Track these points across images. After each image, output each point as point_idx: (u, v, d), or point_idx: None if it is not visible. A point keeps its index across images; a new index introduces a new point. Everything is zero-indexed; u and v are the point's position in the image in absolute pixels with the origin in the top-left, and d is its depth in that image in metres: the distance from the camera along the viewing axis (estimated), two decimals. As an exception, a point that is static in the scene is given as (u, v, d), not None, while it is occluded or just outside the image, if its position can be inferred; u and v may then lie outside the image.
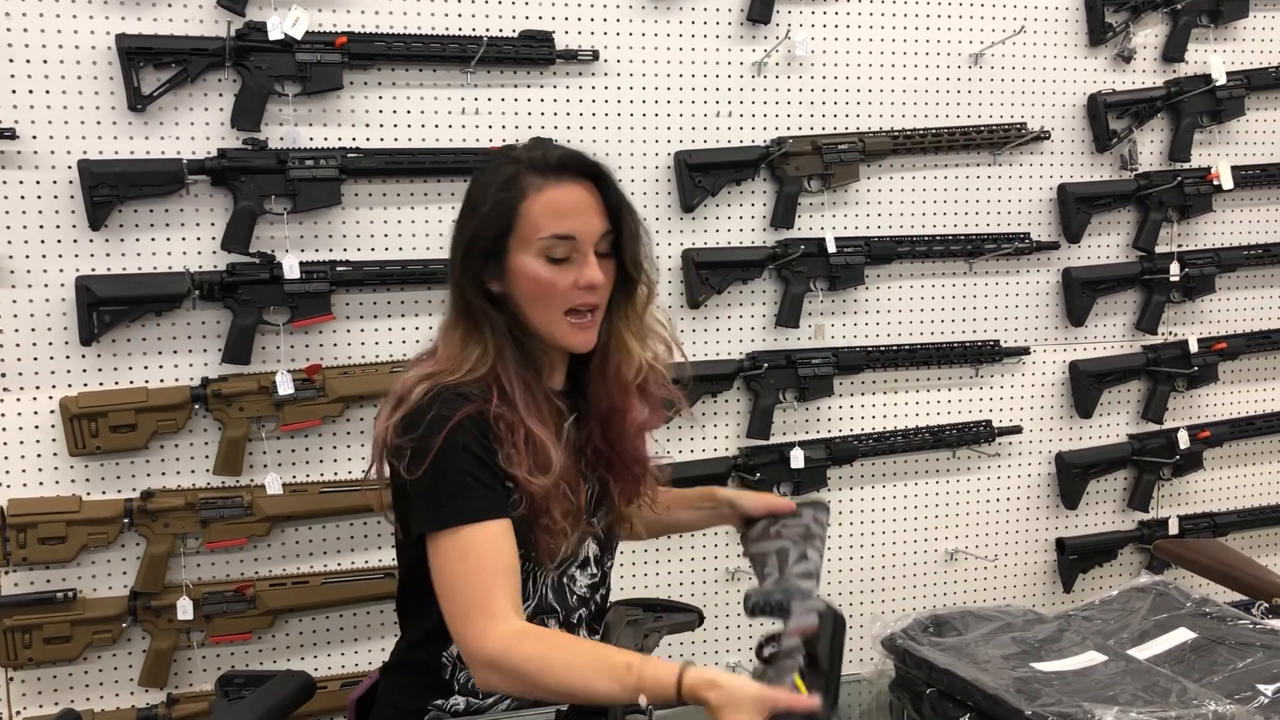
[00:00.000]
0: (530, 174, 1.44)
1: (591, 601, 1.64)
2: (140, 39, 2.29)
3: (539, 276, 1.42)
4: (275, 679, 1.47)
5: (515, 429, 1.41)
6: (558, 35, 2.54)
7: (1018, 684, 1.34)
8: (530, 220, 1.42)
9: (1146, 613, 1.60)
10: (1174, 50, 2.99)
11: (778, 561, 1.44)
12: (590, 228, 1.45)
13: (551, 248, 1.42)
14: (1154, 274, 3.01)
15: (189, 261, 2.38)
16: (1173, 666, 1.44)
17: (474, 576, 1.34)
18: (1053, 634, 1.49)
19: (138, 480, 2.38)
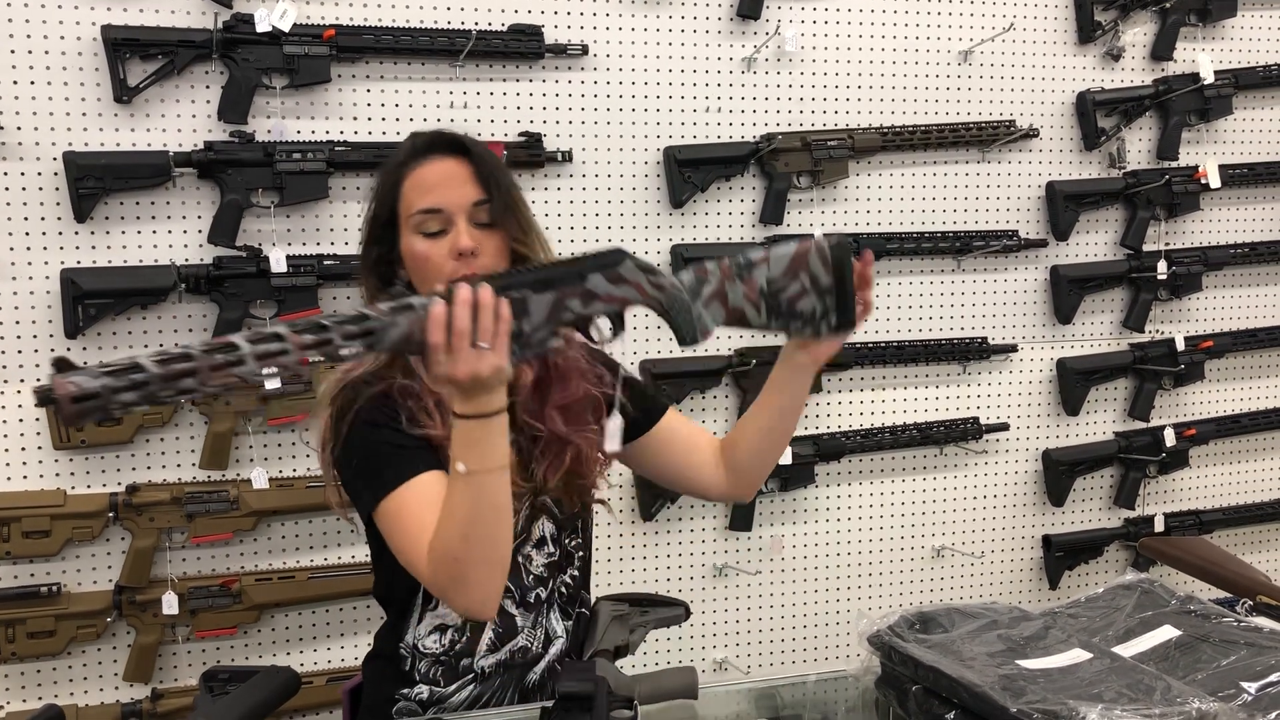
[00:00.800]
0: (406, 160, 1.50)
1: (554, 581, 1.59)
2: (126, 30, 2.27)
3: (416, 252, 1.46)
4: (259, 675, 1.47)
5: (423, 396, 1.44)
6: (547, 29, 2.53)
7: (1003, 681, 1.34)
8: (405, 201, 1.48)
9: (1131, 610, 1.60)
10: (1163, 49, 2.99)
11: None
12: (458, 197, 1.46)
13: (423, 223, 1.46)
14: (1141, 272, 3.02)
15: (175, 255, 2.37)
16: (1157, 664, 1.44)
17: (409, 531, 1.38)
18: (1038, 631, 1.49)
19: (123, 474, 2.37)
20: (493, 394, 1.27)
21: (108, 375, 1.08)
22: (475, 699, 1.54)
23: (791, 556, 2.85)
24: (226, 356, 1.14)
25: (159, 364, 1.11)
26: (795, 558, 2.86)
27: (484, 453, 1.29)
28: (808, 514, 2.86)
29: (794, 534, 2.85)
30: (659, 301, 1.41)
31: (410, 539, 1.37)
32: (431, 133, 1.52)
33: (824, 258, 1.44)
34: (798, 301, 1.44)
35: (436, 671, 1.53)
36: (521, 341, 1.30)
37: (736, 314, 1.46)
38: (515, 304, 1.29)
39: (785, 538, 2.84)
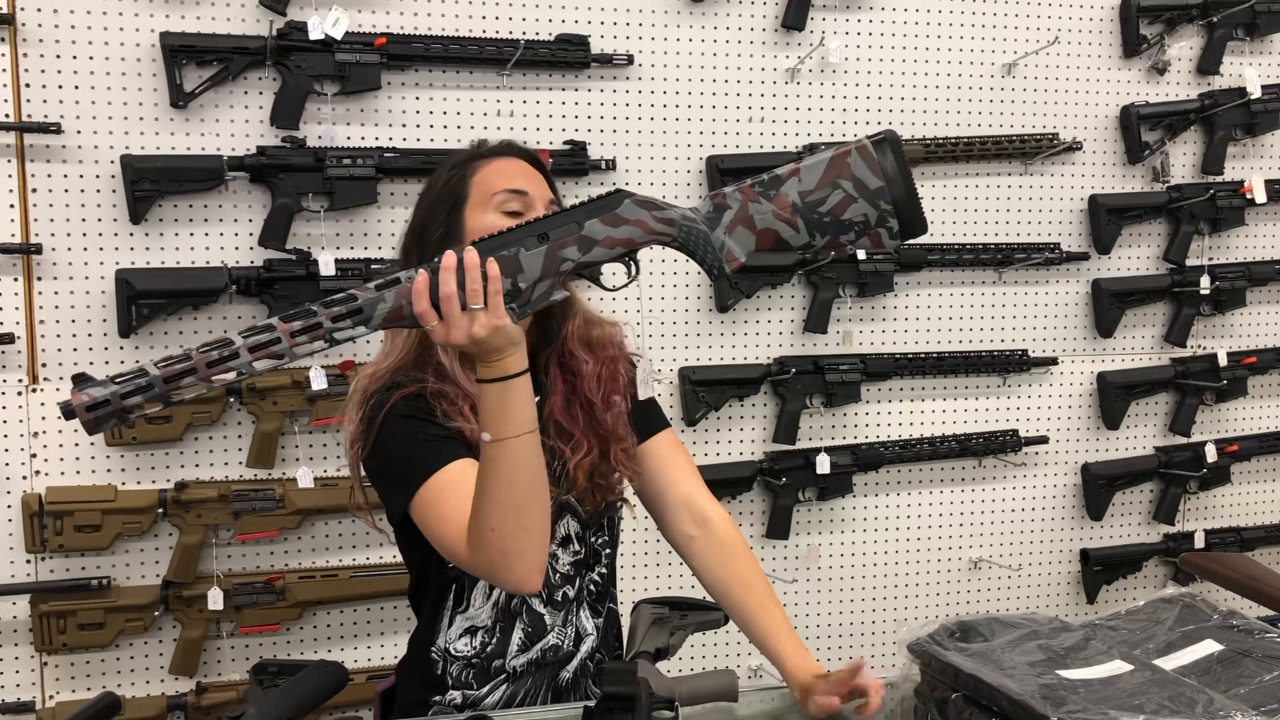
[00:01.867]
0: (476, 159, 1.53)
1: (582, 580, 1.59)
2: (183, 37, 2.33)
3: (497, 227, 1.38)
4: (309, 668, 1.49)
5: (457, 399, 1.44)
6: (593, 39, 2.56)
7: (1044, 691, 1.34)
8: (484, 184, 1.48)
9: (1173, 624, 1.60)
10: (1209, 63, 2.98)
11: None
12: (540, 191, 1.50)
13: (507, 201, 1.47)
14: (1184, 286, 3.01)
15: (227, 257, 2.42)
16: (1199, 678, 1.44)
17: (446, 516, 1.37)
18: (1079, 642, 1.49)
19: (172, 471, 2.42)
20: (505, 355, 1.25)
21: (115, 383, 1.16)
22: (509, 700, 1.54)
23: (828, 565, 2.86)
24: (221, 353, 1.19)
25: (160, 367, 1.17)
26: (832, 567, 2.86)
27: (509, 418, 1.27)
28: (845, 523, 2.87)
29: (831, 543, 2.86)
30: (670, 236, 1.33)
31: (447, 525, 1.37)
32: (505, 140, 1.57)
33: (869, 158, 1.31)
34: (844, 210, 1.32)
35: (468, 675, 1.53)
36: (520, 299, 1.27)
37: (769, 236, 1.34)
38: (506, 262, 1.25)
39: (822, 547, 2.85)
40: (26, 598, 2.33)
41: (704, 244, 1.34)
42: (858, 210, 1.32)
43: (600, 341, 1.58)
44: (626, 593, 1.74)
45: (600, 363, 1.57)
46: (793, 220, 1.33)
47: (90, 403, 1.15)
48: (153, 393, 1.17)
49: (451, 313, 1.21)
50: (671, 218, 1.33)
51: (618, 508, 1.64)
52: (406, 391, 1.44)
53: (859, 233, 1.34)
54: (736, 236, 1.34)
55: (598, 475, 1.56)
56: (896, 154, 1.31)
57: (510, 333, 1.25)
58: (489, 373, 1.26)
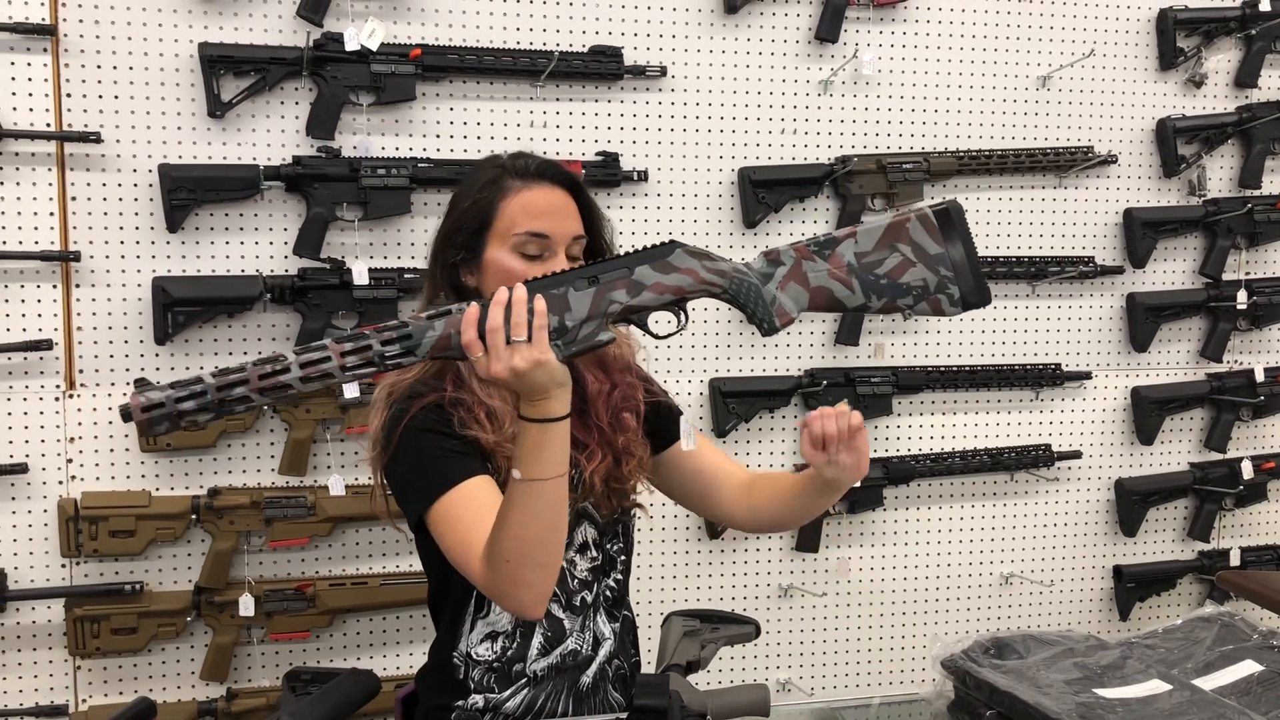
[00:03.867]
0: (512, 177, 1.52)
1: (599, 585, 1.60)
2: (221, 48, 2.35)
3: (511, 270, 1.47)
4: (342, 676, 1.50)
5: (474, 407, 1.46)
6: (626, 51, 2.57)
7: (1081, 710, 1.33)
8: (507, 217, 1.49)
9: (1211, 643, 1.58)
10: (1247, 75, 2.96)
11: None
12: (563, 229, 1.50)
13: (525, 244, 1.48)
14: (1220, 301, 2.97)
15: (262, 265, 2.44)
16: (1239, 699, 1.43)
17: (460, 530, 1.38)
18: (1116, 661, 1.48)
19: (205, 478, 2.44)
20: (549, 396, 1.28)
21: (171, 388, 1.23)
22: (530, 704, 1.55)
23: (858, 579, 2.84)
24: (274, 367, 1.24)
25: (215, 376, 1.24)
26: (862, 580, 2.85)
27: (544, 459, 1.29)
28: (875, 537, 2.85)
29: (861, 556, 2.84)
30: (720, 287, 1.37)
31: (461, 540, 1.38)
32: (541, 159, 1.55)
33: (929, 225, 1.33)
34: (901, 274, 1.34)
35: (490, 679, 1.54)
36: (566, 337, 1.31)
37: (823, 295, 1.37)
38: (554, 300, 1.30)
39: (852, 560, 2.83)
40: (61, 601, 2.35)
41: (755, 298, 1.37)
42: (916, 275, 1.34)
43: (613, 362, 1.60)
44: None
45: (611, 383, 1.59)
46: (848, 280, 1.36)
47: (146, 404, 1.22)
48: (205, 400, 1.23)
49: (496, 344, 1.25)
50: (723, 269, 1.37)
51: (632, 514, 1.65)
52: (425, 402, 1.46)
53: (917, 297, 1.35)
54: (789, 292, 1.37)
55: (613, 480, 1.58)
56: (960, 223, 1.33)
57: (553, 370, 1.27)
58: (531, 412, 1.29)
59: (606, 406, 1.58)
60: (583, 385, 1.58)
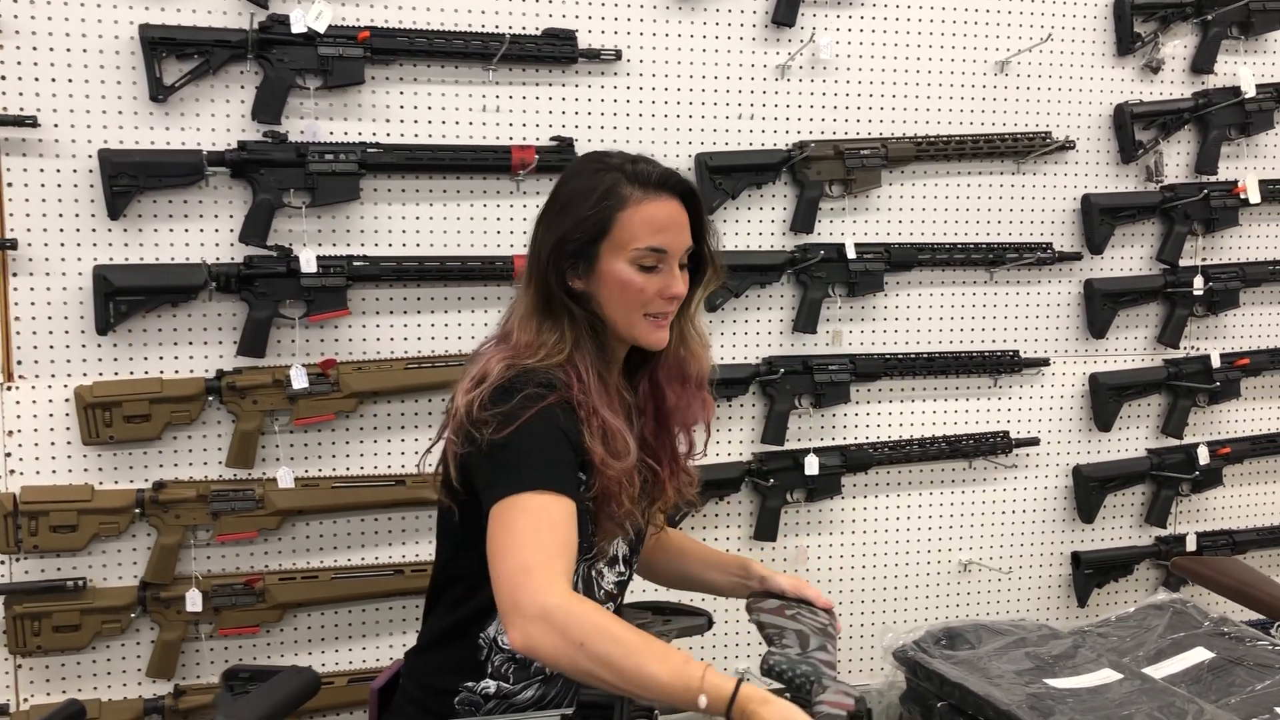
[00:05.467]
0: (631, 186, 1.52)
1: (616, 599, 1.66)
2: (163, 29, 2.28)
3: (630, 282, 1.50)
4: (280, 675, 1.46)
5: (591, 417, 1.47)
6: (581, 34, 2.53)
7: (1031, 700, 1.32)
8: (628, 229, 1.50)
9: (1163, 631, 1.58)
10: (1203, 61, 2.95)
11: (798, 640, 1.50)
12: (679, 243, 1.53)
13: (643, 258, 1.50)
14: (1177, 287, 2.98)
15: (207, 253, 2.38)
16: (1189, 686, 1.42)
17: (544, 536, 1.35)
18: (1067, 650, 1.47)
19: (150, 471, 2.38)
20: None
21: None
22: (540, 699, 1.57)
23: (816, 567, 2.83)
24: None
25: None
26: (820, 569, 2.83)
27: (714, 702, 1.25)
28: (834, 525, 2.84)
29: (819, 545, 2.83)
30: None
31: (515, 546, 1.34)
32: (662, 168, 1.55)
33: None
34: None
35: (509, 668, 1.55)
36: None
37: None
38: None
39: (810, 549, 2.82)
40: (0, 599, 2.29)
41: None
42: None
43: (694, 375, 1.63)
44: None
45: (691, 396, 1.63)
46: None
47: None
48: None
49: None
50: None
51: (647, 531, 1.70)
52: (560, 398, 1.45)
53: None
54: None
55: (679, 495, 1.67)
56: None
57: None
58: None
59: (685, 420, 1.63)
60: (663, 396, 1.61)
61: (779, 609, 1.62)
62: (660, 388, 1.60)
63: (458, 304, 2.53)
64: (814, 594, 1.67)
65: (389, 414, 2.52)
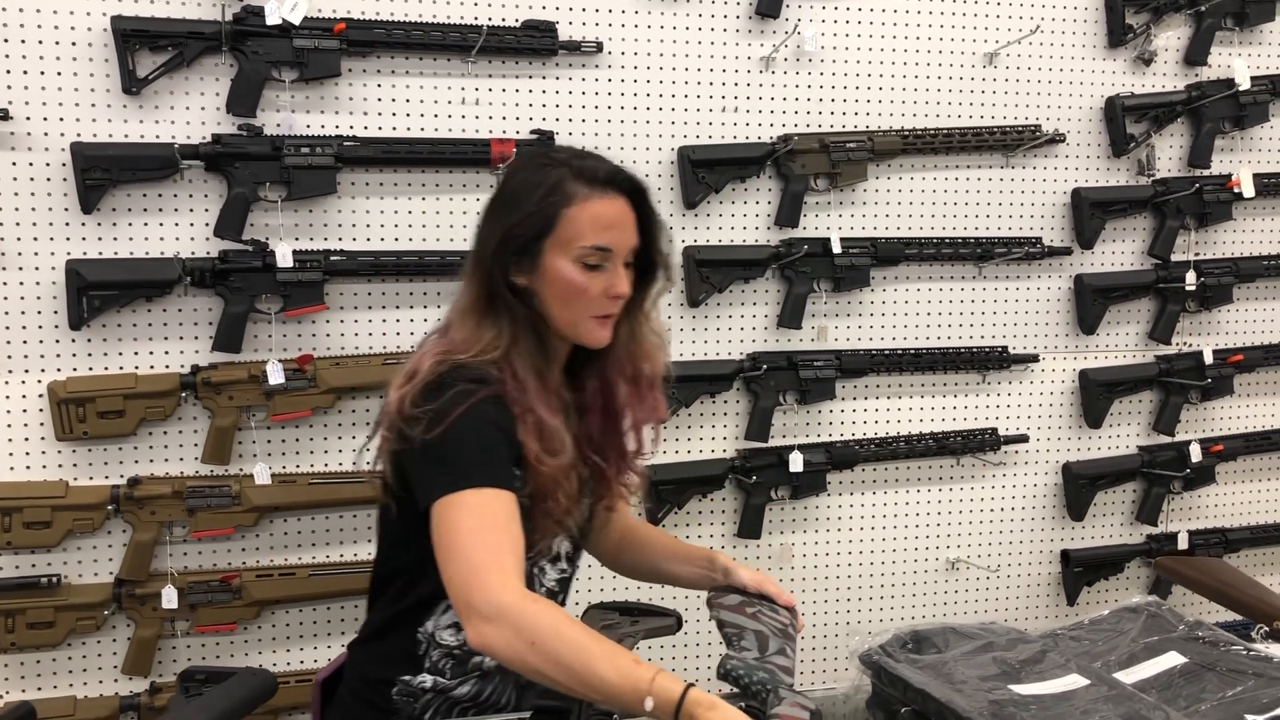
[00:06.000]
0: (578, 182, 1.48)
1: (558, 597, 1.65)
2: (136, 21, 2.26)
3: (573, 281, 1.48)
4: (235, 677, 1.44)
5: (526, 415, 1.45)
6: (561, 26, 2.49)
7: (993, 708, 1.29)
8: (573, 227, 1.47)
9: (1137, 634, 1.54)
10: (1196, 53, 2.91)
11: (757, 641, 1.46)
12: (625, 242, 1.51)
13: (588, 256, 1.48)
14: (1169, 282, 2.94)
15: (182, 247, 2.35)
16: (1160, 692, 1.39)
17: (492, 534, 1.34)
18: (1035, 655, 1.44)
19: (125, 467, 2.36)
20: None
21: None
22: (476, 694, 1.57)
23: (801, 566, 2.80)
24: None
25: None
26: (805, 567, 2.81)
27: (660, 706, 1.23)
28: (819, 523, 2.81)
29: (805, 543, 2.80)
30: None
31: (459, 544, 1.34)
32: (610, 165, 1.52)
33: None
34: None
35: (446, 664, 1.55)
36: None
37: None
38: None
39: (795, 546, 2.79)
40: (-26, 596, 2.28)
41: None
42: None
43: (645, 374, 1.60)
44: (579, 586, 1.71)
45: (643, 396, 1.61)
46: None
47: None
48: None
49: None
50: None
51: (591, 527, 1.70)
52: (491, 392, 1.43)
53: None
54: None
55: (622, 491, 1.67)
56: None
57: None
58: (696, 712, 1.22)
59: (635, 419, 1.61)
60: (613, 394, 1.59)
61: (740, 606, 1.58)
62: (610, 385, 1.58)
63: (436, 299, 2.50)
64: (776, 590, 1.64)
65: (367, 409, 2.49)
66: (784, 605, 1.61)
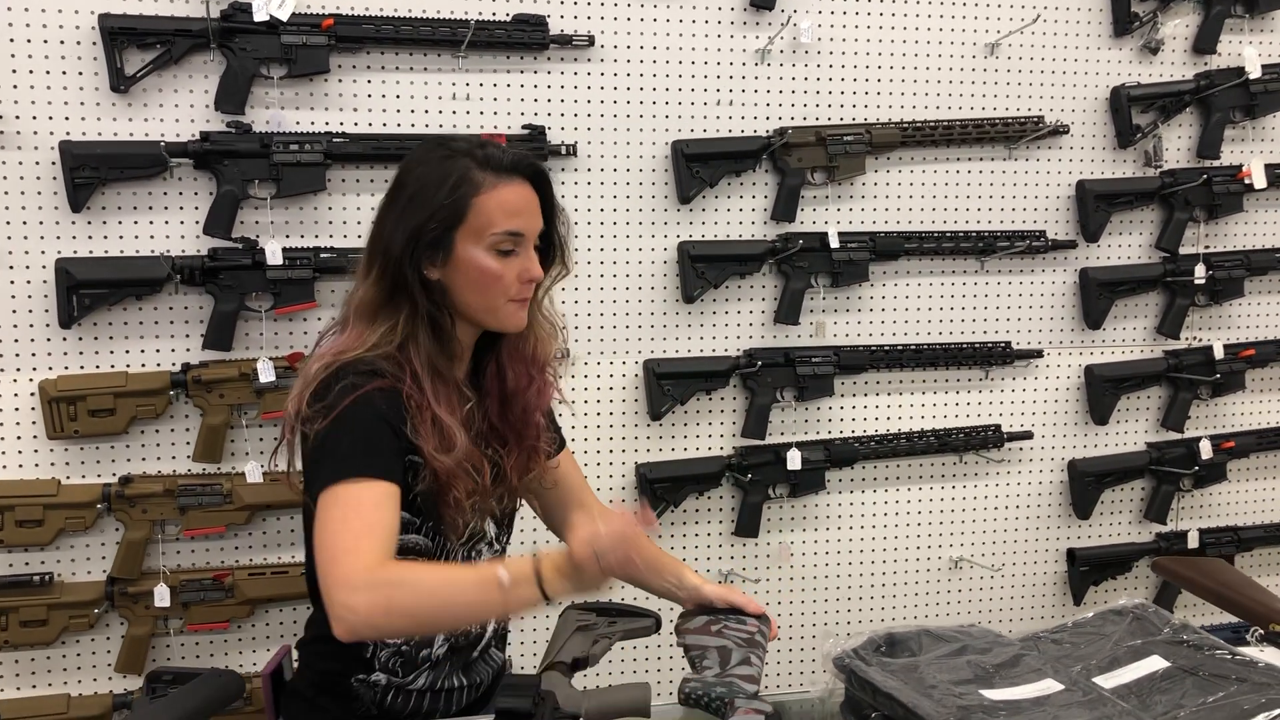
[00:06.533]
0: (483, 171, 1.50)
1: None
2: (123, 19, 2.26)
3: (487, 268, 1.50)
4: (200, 677, 1.43)
5: (423, 409, 1.46)
6: (552, 19, 2.47)
7: (960, 713, 1.25)
8: (484, 215, 1.49)
9: (1120, 638, 1.50)
10: (1205, 41, 2.85)
11: (719, 657, 1.47)
12: (533, 226, 1.55)
13: (501, 242, 1.50)
14: (1178, 276, 2.88)
15: (171, 245, 2.35)
16: (1139, 698, 1.35)
17: (356, 521, 1.37)
18: (1010, 659, 1.40)
19: (117, 465, 2.37)
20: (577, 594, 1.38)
21: None
22: (431, 683, 1.60)
23: (800, 565, 2.77)
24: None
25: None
26: (804, 566, 2.77)
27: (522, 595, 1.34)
28: (818, 521, 2.77)
29: (803, 541, 2.77)
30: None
31: (325, 535, 1.36)
32: (514, 152, 1.54)
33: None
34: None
35: (396, 662, 1.57)
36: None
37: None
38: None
39: (794, 545, 2.75)
40: (-34, 594, 2.29)
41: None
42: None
43: (538, 358, 1.63)
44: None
45: (530, 378, 1.62)
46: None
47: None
48: None
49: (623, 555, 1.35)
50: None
51: (519, 505, 1.72)
52: (384, 385, 1.44)
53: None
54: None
55: (526, 476, 1.65)
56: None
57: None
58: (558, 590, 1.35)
59: (526, 402, 1.62)
60: (505, 378, 1.60)
61: (705, 626, 1.58)
62: (503, 369, 1.60)
63: (428, 296, 2.49)
64: (743, 600, 1.62)
65: (348, 407, 2.48)
66: (753, 614, 1.60)
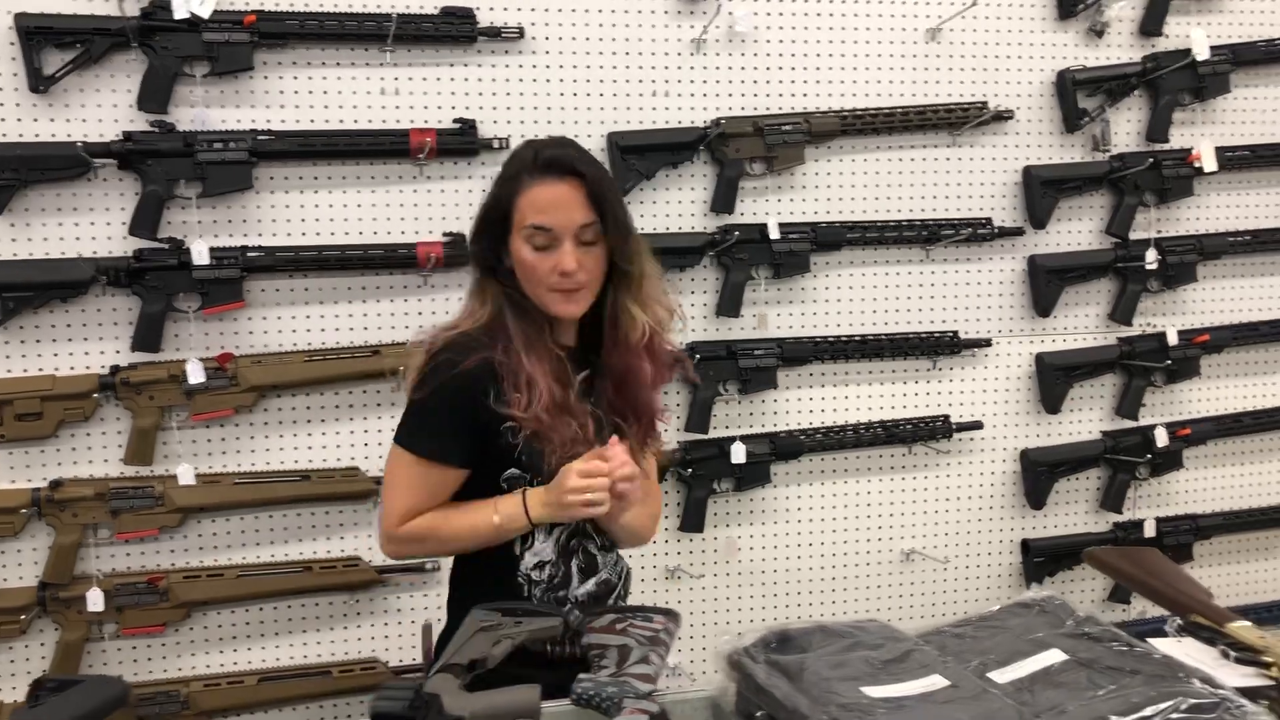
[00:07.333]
0: (530, 169, 1.64)
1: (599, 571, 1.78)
2: (40, 18, 2.24)
3: (524, 260, 1.63)
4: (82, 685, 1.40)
5: (518, 373, 1.62)
6: (481, 11, 2.45)
7: (837, 711, 1.22)
8: (520, 211, 1.63)
9: (1022, 630, 1.47)
10: (1152, 23, 2.81)
11: (618, 656, 1.47)
12: (567, 221, 1.61)
13: (532, 236, 1.62)
14: (1129, 262, 2.84)
15: (98, 247, 2.33)
16: (1031, 691, 1.32)
17: (402, 488, 1.67)
18: (900, 655, 1.37)
19: (47, 469, 2.35)
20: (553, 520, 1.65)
21: None
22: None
23: (748, 559, 2.74)
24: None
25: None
26: (752, 560, 2.74)
27: (510, 533, 1.65)
28: (765, 515, 2.74)
29: (750, 535, 2.74)
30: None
31: (389, 487, 1.70)
32: (554, 151, 1.64)
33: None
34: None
35: (549, 598, 1.71)
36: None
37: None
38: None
39: (740, 539, 2.73)
40: (-106, 601, 2.27)
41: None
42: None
43: (634, 344, 1.70)
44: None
45: (630, 363, 1.70)
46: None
47: None
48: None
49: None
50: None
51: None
52: (479, 359, 1.61)
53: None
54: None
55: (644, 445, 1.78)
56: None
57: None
58: (542, 516, 1.63)
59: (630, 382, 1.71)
60: (611, 357, 1.70)
61: (609, 625, 1.56)
62: (609, 354, 1.71)
63: (361, 294, 2.47)
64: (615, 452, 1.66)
65: (292, 408, 2.46)
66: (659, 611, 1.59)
